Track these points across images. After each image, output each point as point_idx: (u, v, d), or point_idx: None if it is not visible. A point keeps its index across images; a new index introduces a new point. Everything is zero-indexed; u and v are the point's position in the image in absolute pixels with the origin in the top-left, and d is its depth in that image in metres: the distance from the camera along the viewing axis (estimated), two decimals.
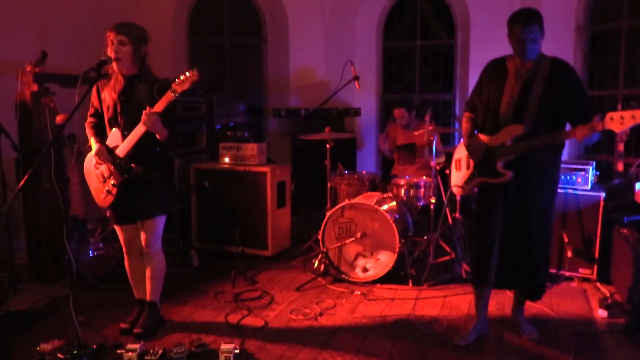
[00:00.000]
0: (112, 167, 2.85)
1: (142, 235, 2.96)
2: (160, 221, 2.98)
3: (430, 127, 4.05)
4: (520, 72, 2.71)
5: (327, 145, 4.36)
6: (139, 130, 2.74)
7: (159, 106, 2.70)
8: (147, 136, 2.76)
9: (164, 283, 3.13)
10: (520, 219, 2.75)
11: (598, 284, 3.71)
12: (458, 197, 4.03)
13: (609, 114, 2.37)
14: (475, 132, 2.92)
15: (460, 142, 3.07)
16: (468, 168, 2.95)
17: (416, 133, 4.36)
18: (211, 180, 4.57)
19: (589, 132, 2.49)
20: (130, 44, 2.76)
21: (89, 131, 2.98)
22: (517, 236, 2.77)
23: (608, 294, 3.50)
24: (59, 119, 3.66)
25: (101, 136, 2.95)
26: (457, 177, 3.05)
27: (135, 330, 2.93)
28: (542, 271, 2.85)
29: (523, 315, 3.07)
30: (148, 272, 3.04)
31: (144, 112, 2.68)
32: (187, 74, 2.65)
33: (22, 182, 2.47)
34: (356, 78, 4.43)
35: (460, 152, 3.06)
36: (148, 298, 3.06)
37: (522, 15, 2.61)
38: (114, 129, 2.89)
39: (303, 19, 6.39)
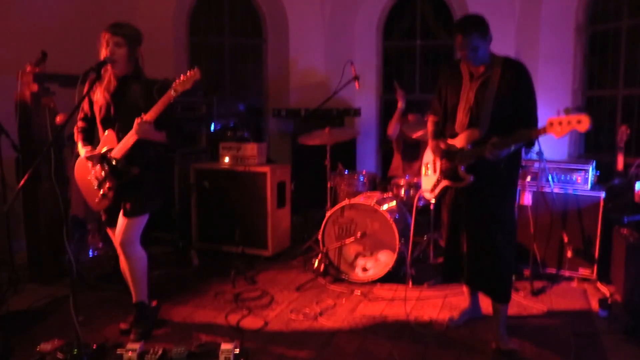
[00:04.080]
0: (106, 170, 2.83)
1: (120, 232, 2.87)
2: (143, 219, 2.91)
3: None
4: (474, 77, 2.71)
5: (327, 145, 4.36)
6: (132, 137, 2.72)
7: (153, 113, 2.67)
8: (141, 139, 2.74)
9: (164, 283, 3.13)
10: (480, 221, 2.75)
11: (598, 284, 3.71)
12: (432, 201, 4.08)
13: (550, 119, 2.34)
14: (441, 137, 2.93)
15: (428, 146, 3.09)
16: (435, 172, 2.98)
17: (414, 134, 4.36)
18: (211, 180, 4.57)
19: (492, 148, 2.51)
20: (126, 46, 2.74)
21: (77, 136, 2.94)
22: (478, 238, 2.78)
23: (608, 294, 3.50)
24: (59, 119, 3.67)
25: (89, 141, 2.93)
26: (426, 182, 3.09)
27: (131, 337, 2.91)
28: (504, 270, 2.80)
29: (500, 324, 2.85)
30: (129, 272, 2.98)
31: (136, 120, 2.66)
32: (189, 73, 2.65)
33: (22, 182, 2.47)
34: (356, 78, 4.43)
35: (428, 157, 3.08)
36: (134, 300, 3.03)
37: (460, 25, 2.61)
38: (107, 131, 2.86)
39: (303, 19, 6.40)
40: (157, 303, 3.19)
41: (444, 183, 2.90)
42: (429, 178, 3.05)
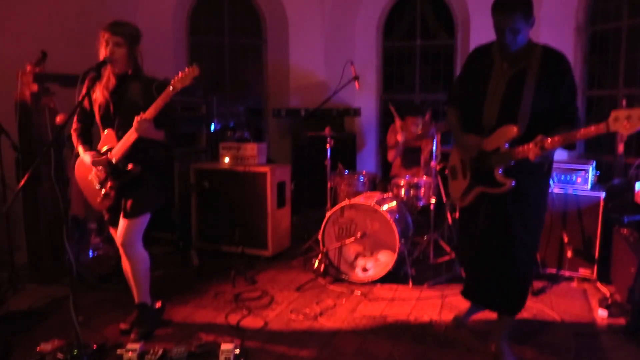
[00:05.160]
0: (107, 170, 2.83)
1: (121, 233, 2.86)
2: (144, 219, 2.90)
3: (430, 127, 4.06)
4: (507, 65, 2.42)
5: (327, 145, 4.36)
6: (131, 136, 2.72)
7: (152, 110, 2.67)
8: (141, 138, 2.74)
9: (164, 283, 3.12)
10: (506, 231, 2.49)
11: (598, 284, 3.70)
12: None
13: (614, 113, 1.99)
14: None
15: (454, 147, 2.79)
16: (465, 177, 2.65)
17: (417, 130, 4.35)
18: (211, 180, 4.57)
19: (539, 151, 2.21)
20: (126, 45, 2.74)
21: (75, 139, 2.92)
22: (496, 250, 2.53)
23: (608, 294, 3.50)
24: (59, 119, 3.66)
25: (88, 143, 2.92)
26: (454, 188, 2.76)
27: (132, 337, 2.92)
28: (521, 288, 2.62)
29: (501, 336, 2.69)
30: (130, 273, 2.98)
31: (135, 118, 2.66)
32: (187, 69, 2.64)
33: (22, 182, 2.47)
34: (356, 78, 4.43)
35: (455, 159, 2.78)
36: (136, 300, 3.03)
37: (502, 2, 2.31)
38: (106, 130, 2.86)
39: (303, 19, 6.40)
40: (162, 304, 3.19)
41: (479, 189, 2.55)
42: (457, 182, 2.70)
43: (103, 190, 2.88)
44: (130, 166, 2.80)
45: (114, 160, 2.81)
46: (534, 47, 2.40)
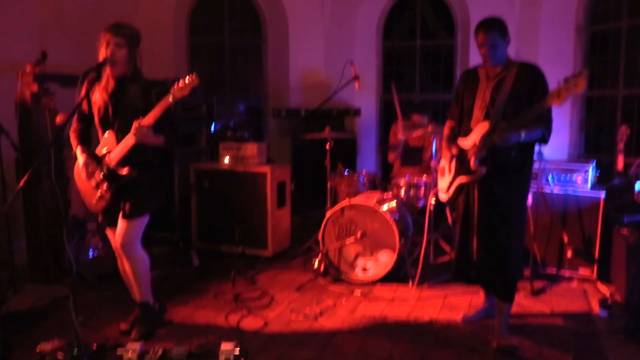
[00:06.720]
0: (104, 172, 2.82)
1: (120, 234, 2.86)
2: (143, 220, 2.90)
3: (429, 128, 4.06)
4: (490, 78, 2.84)
5: (327, 145, 4.36)
6: (129, 140, 2.72)
7: (151, 117, 2.66)
8: (139, 143, 2.73)
9: (164, 283, 3.12)
10: (490, 219, 2.81)
11: (598, 284, 3.71)
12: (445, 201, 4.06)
13: (550, 92, 2.45)
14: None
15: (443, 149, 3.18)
16: (450, 173, 3.04)
17: (414, 135, 4.36)
18: (211, 180, 4.57)
19: (499, 132, 2.61)
20: (126, 47, 2.73)
21: (73, 141, 2.91)
22: (487, 236, 2.84)
23: (608, 294, 3.50)
24: (59, 119, 3.66)
25: (87, 144, 2.92)
26: (443, 183, 3.15)
27: (132, 336, 2.92)
28: (510, 271, 2.85)
29: (502, 322, 2.91)
30: (131, 274, 2.98)
31: (134, 124, 2.65)
32: (187, 79, 2.63)
33: (22, 182, 2.47)
34: (356, 78, 4.43)
35: (445, 160, 3.16)
36: (138, 299, 3.04)
37: (482, 24, 2.79)
38: (107, 133, 2.85)
39: (303, 19, 6.40)
40: (164, 305, 3.19)
41: (459, 180, 2.94)
42: (445, 179, 3.10)
43: (98, 192, 2.87)
44: (126, 170, 2.79)
45: (111, 164, 2.80)
46: (512, 62, 2.84)
